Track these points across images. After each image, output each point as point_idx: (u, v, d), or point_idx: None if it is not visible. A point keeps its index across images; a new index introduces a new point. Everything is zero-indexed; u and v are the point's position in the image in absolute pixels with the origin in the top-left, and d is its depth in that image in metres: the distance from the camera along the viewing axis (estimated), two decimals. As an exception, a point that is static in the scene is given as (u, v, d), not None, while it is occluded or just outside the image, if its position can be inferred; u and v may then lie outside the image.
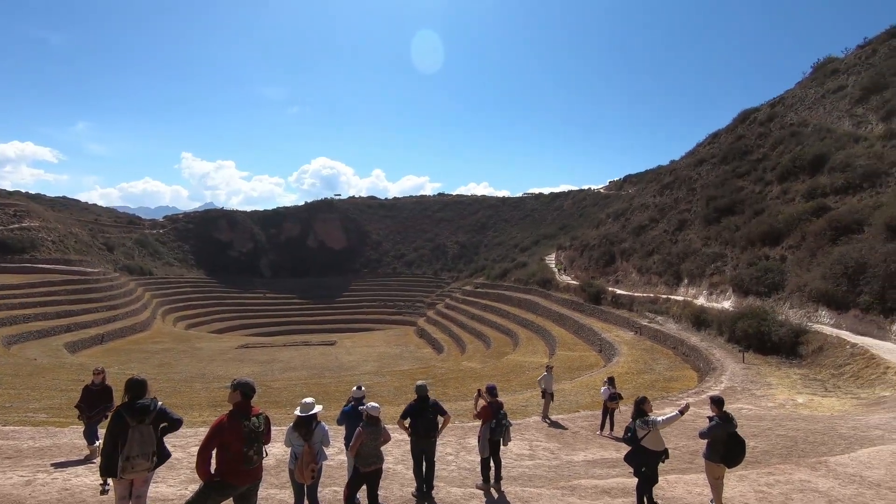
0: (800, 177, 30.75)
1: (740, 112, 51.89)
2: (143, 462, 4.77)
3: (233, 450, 4.46)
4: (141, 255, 79.99)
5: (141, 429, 4.78)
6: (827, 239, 22.86)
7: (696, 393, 15.38)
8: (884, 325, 17.68)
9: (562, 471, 8.88)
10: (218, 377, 29.18)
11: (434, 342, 48.80)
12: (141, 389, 4.95)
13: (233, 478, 4.49)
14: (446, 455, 9.35)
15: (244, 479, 4.58)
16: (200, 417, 14.72)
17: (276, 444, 9.09)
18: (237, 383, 4.69)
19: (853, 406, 12.67)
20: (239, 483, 4.54)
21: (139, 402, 4.87)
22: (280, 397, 20.24)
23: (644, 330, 28.44)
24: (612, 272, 43.05)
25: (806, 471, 7.64)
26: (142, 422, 4.79)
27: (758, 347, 19.88)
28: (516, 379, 22.84)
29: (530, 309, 44.71)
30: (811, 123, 37.20)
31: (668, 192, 48.22)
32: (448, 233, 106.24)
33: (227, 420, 4.52)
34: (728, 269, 28.39)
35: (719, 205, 34.41)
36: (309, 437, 5.42)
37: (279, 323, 74.92)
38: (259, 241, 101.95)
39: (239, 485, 4.54)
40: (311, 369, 35.27)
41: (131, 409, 4.80)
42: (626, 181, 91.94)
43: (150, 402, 4.91)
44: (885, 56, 37.52)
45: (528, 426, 12.13)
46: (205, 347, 44.91)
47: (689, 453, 9.52)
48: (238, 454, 4.47)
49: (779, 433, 10.47)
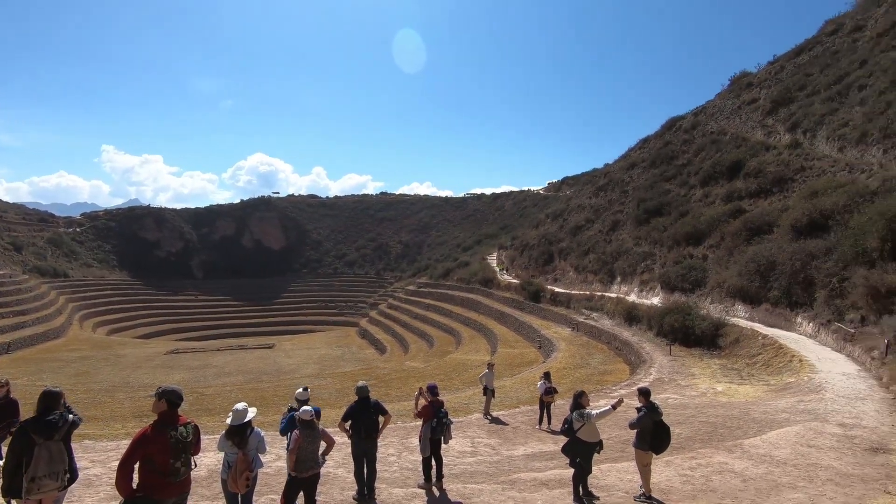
0: (719, 181, 33.17)
1: (668, 119, 55.31)
2: (52, 482, 4.38)
3: (158, 462, 4.18)
4: (54, 256, 73.33)
5: (49, 446, 4.38)
6: (742, 239, 24.80)
7: (627, 385, 16.19)
8: (790, 317, 19.43)
9: (502, 465, 9.06)
10: (144, 385, 27.37)
11: (377, 343, 48.33)
12: (53, 402, 4.54)
13: (158, 492, 4.21)
14: (388, 456, 9.28)
15: (170, 493, 4.30)
16: (124, 429, 13.73)
17: (209, 454, 8.66)
18: (162, 391, 4.40)
19: (764, 392, 13.82)
20: (165, 497, 4.26)
21: (47, 417, 4.47)
22: (213, 404, 19.30)
23: (581, 326, 29.60)
24: (551, 271, 44.49)
25: (724, 454, 8.25)
26: (50, 438, 4.39)
27: (683, 340, 21.24)
28: (459, 377, 23.07)
29: (473, 308, 45.30)
30: (729, 132, 40.23)
31: (602, 193, 50.47)
32: (391, 232, 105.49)
33: (152, 431, 4.23)
34: (657, 268, 30.12)
35: (649, 206, 36.45)
36: (243, 444, 5.19)
37: (213, 326, 71.33)
38: (190, 240, 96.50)
39: (164, 499, 4.27)
40: (248, 374, 33.88)
41: (37, 424, 4.39)
42: (563, 183, 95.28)
43: (58, 418, 4.50)
44: (790, 73, 41.25)
45: (470, 423, 12.28)
46: (129, 354, 41.94)
47: (621, 443, 10.00)
48: (164, 467, 4.20)
49: (701, 420, 11.23)
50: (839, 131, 27.01)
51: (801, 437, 8.86)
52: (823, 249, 19.19)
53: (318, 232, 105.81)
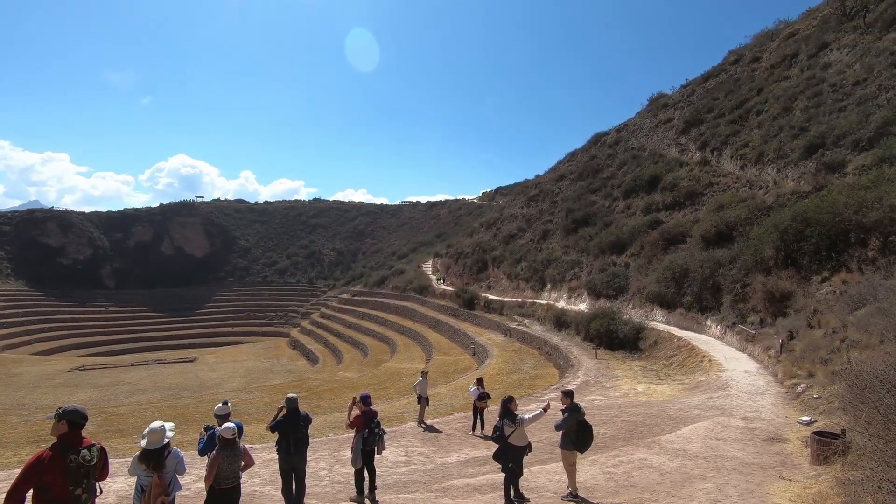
0: (639, 194, 35.46)
1: (593, 134, 58.49)
2: None
3: (55, 490, 3.76)
4: (-66, 264, 64.81)
5: None
6: (660, 248, 26.62)
7: (556, 389, 16.76)
8: (701, 320, 21.06)
9: (436, 473, 9.07)
10: (42, 407, 24.74)
11: (308, 353, 46.86)
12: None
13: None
14: (319, 470, 8.99)
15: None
16: (17, 457, 12.33)
17: (118, 479, 8.00)
18: (63, 411, 3.97)
19: (679, 391, 14.84)
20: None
21: None
22: (126, 424, 17.79)
23: (513, 332, 30.34)
24: (485, 278, 45.35)
25: (644, 450, 8.75)
26: None
27: (608, 344, 22.38)
28: (394, 386, 22.86)
29: (408, 315, 45.14)
30: (648, 149, 43.19)
31: (533, 203, 52.29)
32: (324, 240, 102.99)
33: (49, 455, 3.81)
34: (584, 275, 31.58)
35: (576, 217, 38.24)
36: (160, 467, 4.74)
37: (126, 340, 66.01)
38: (101, 246, 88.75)
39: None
40: (166, 390, 31.63)
41: None
42: (497, 192, 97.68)
43: None
44: (700, 96, 45.04)
45: (405, 432, 12.19)
46: (25, 372, 37.77)
47: (550, 445, 10.33)
48: (62, 494, 3.78)
49: (623, 419, 11.85)
50: (741, 151, 29.80)
51: (710, 432, 9.59)
52: (728, 258, 20.99)
53: (247, 238, 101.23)
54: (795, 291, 16.65)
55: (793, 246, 17.60)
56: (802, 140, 24.66)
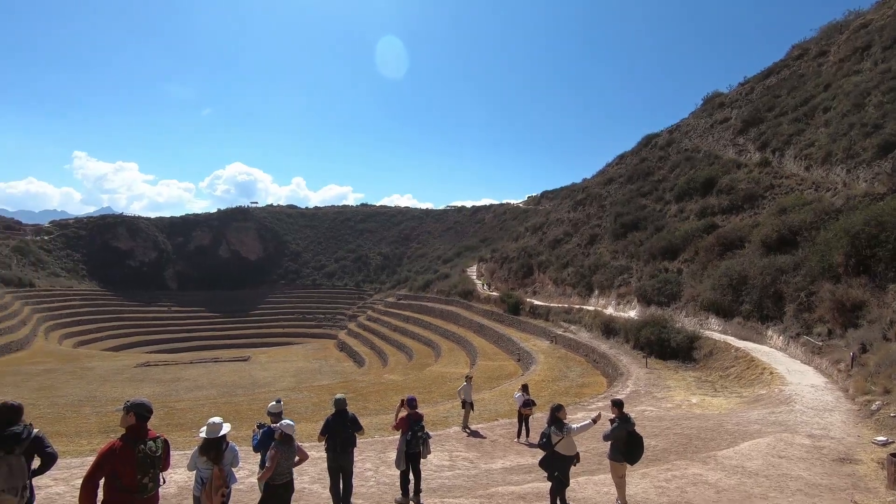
0: (693, 197, 34.05)
1: (644, 136, 56.72)
2: (10, 498, 4.20)
3: (124, 478, 4.04)
4: (20, 265, 70.82)
5: (9, 460, 4.22)
6: (715, 254, 25.42)
7: (605, 398, 16.32)
8: (761, 330, 19.92)
9: (480, 479, 9.01)
10: (112, 399, 26.47)
11: (355, 355, 47.79)
12: (12, 416, 4.38)
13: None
14: (365, 471, 9.14)
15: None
16: (90, 445, 13.24)
17: (179, 471, 8.42)
18: (130, 404, 4.27)
19: (737, 404, 14.09)
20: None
21: (9, 430, 4.30)
22: (185, 419, 18.76)
23: (559, 339, 29.80)
24: (530, 283, 44.81)
25: (698, 465, 8.36)
26: (10, 452, 4.24)
27: (659, 353, 21.55)
28: (438, 390, 22.93)
29: (452, 320, 45.24)
30: (702, 150, 41.44)
31: (580, 208, 51.26)
32: (371, 244, 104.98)
33: (119, 445, 4.10)
34: (633, 281, 30.61)
35: (626, 221, 37.15)
36: (219, 459, 5.04)
37: (186, 339, 69.58)
38: (164, 250, 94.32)
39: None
40: (222, 387, 33.09)
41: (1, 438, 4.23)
42: (543, 197, 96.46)
43: (21, 430, 4.35)
44: (760, 94, 42.80)
45: (449, 437, 12.20)
46: (97, 367, 40.55)
47: (598, 455, 10.06)
48: (130, 483, 4.06)
49: (676, 431, 11.37)
50: (805, 151, 28.06)
51: (772, 449, 9.04)
52: (792, 264, 19.78)
53: (297, 243, 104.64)
54: (868, 301, 15.47)
55: (866, 252, 16.38)
56: (876, 139, 22.93)
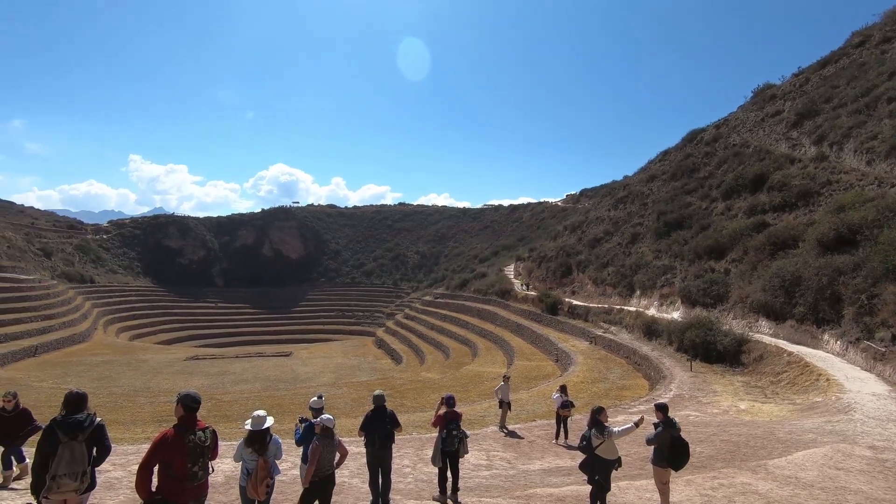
0: (742, 194, 32.59)
1: (689, 132, 54.71)
2: (71, 482, 4.44)
3: (176, 466, 4.24)
4: (82, 262, 75.40)
5: (72, 446, 4.47)
6: (766, 253, 24.25)
7: (647, 401, 15.87)
8: (816, 334, 18.87)
9: (518, 480, 8.95)
10: (164, 391, 27.78)
11: (393, 353, 48.34)
12: (78, 404, 4.64)
13: (176, 496, 4.26)
14: (403, 467, 9.24)
15: (187, 497, 4.36)
16: (144, 433, 13.95)
17: (225, 460, 8.74)
18: (180, 396, 4.48)
19: (789, 411, 13.41)
20: (182, 501, 4.32)
21: (73, 417, 4.57)
22: (231, 411, 19.49)
23: (599, 340, 29.20)
24: (569, 283, 44.08)
25: (747, 474, 8.01)
26: (74, 438, 4.48)
27: (704, 356, 20.77)
28: (475, 389, 22.91)
29: (489, 319, 45.07)
30: (752, 144, 39.59)
31: (621, 206, 50.00)
32: (408, 243, 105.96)
33: (172, 434, 4.30)
34: (677, 281, 29.61)
35: (669, 219, 35.96)
36: (263, 451, 5.23)
37: (231, 334, 72.32)
38: (212, 248, 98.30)
39: (181, 502, 4.32)
40: (265, 381, 34.15)
41: (64, 424, 4.50)
42: (582, 195, 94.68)
43: (85, 418, 4.60)
44: (816, 84, 40.51)
45: (486, 436, 12.17)
46: (150, 359, 42.69)
47: (640, 460, 9.80)
48: (182, 470, 4.25)
49: (723, 438, 10.94)
50: (867, 144, 26.35)
51: (828, 459, 8.56)
52: (851, 265, 18.63)
53: (337, 241, 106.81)
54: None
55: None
56: (947, 129, 21.32)
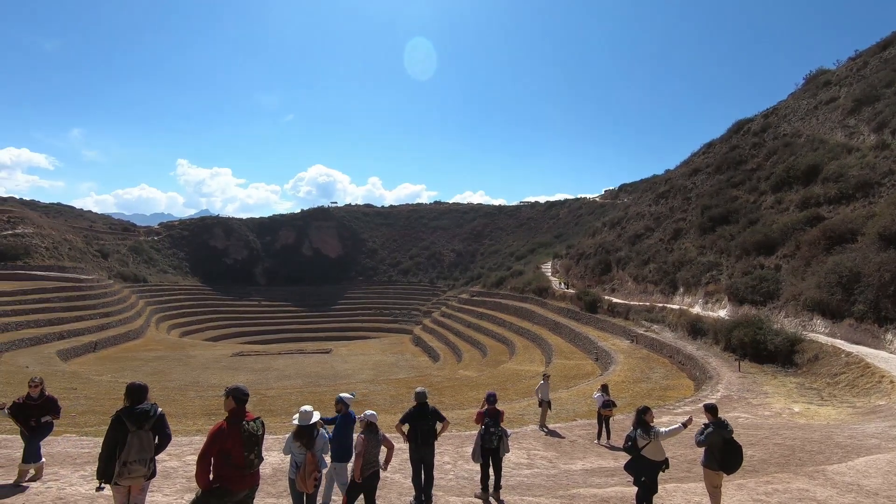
0: (794, 186, 31.02)
1: (735, 122, 52.46)
2: (141, 468, 4.72)
3: (234, 455, 4.41)
4: (135, 263, 79.48)
5: (140, 434, 4.74)
6: (821, 248, 23.01)
7: (692, 402, 15.38)
8: (878, 333, 17.77)
9: (560, 479, 8.84)
10: (212, 385, 28.94)
11: (430, 350, 48.65)
12: (141, 395, 4.91)
13: (233, 483, 4.43)
14: (444, 464, 9.29)
15: (244, 484, 4.53)
16: (195, 426, 14.57)
17: (272, 453, 9.03)
18: (229, 389, 4.65)
19: (849, 415, 12.70)
20: (240, 488, 4.49)
21: (139, 407, 4.83)
22: (275, 406, 20.09)
23: (640, 338, 28.47)
24: (609, 281, 43.15)
25: (804, 479, 7.64)
26: (141, 427, 4.76)
27: (754, 356, 19.92)
28: (513, 387, 22.77)
29: (527, 317, 44.70)
30: (804, 134, 37.62)
31: (663, 201, 48.52)
32: (444, 241, 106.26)
33: (227, 426, 4.48)
34: (723, 278, 28.51)
35: (714, 214, 34.64)
36: (311, 445, 5.37)
37: (274, 331, 74.50)
38: (254, 248, 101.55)
39: (239, 490, 4.49)
40: (307, 378, 35.05)
41: (131, 414, 4.76)
42: (621, 190, 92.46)
43: (150, 408, 4.87)
44: (876, 68, 38.07)
45: (526, 435, 12.08)
46: (199, 355, 44.55)
47: (687, 462, 9.50)
48: (239, 459, 4.43)
49: (776, 442, 10.47)
50: (934, 130, 24.61)
51: (894, 466, 8.06)
52: (917, 260, 17.47)
53: (374, 240, 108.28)
54: None
55: None
56: None
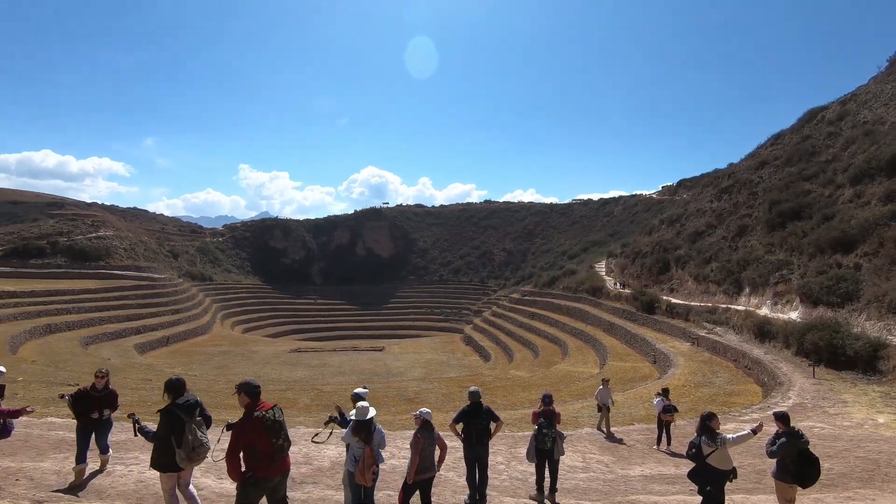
0: (876, 178, 28.53)
1: (807, 111, 48.94)
2: (204, 449, 5.15)
3: (260, 446, 4.59)
4: (202, 262, 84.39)
5: (193, 422, 5.15)
6: (909, 245, 21.07)
7: (760, 409, 14.51)
8: (979, 339, 16.07)
9: (617, 485, 8.59)
10: (272, 380, 30.25)
11: (481, 350, 48.58)
12: (182, 389, 5.31)
13: (265, 471, 4.64)
14: (497, 464, 9.25)
15: (276, 472, 4.74)
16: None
17: (330, 447, 9.32)
18: (240, 386, 4.82)
19: (944, 428, 11.56)
20: (272, 475, 4.70)
21: (185, 399, 5.21)
22: (331, 401, 20.64)
23: (702, 341, 27.17)
24: (667, 280, 41.43)
25: (891, 497, 7.04)
26: (192, 417, 5.15)
27: (830, 362, 18.53)
28: (566, 389, 22.34)
29: (580, 317, 43.72)
30: (888, 121, 34.55)
31: (726, 196, 45.99)
32: (494, 240, 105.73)
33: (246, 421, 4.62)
34: (795, 278, 26.68)
35: (784, 209, 32.44)
36: (369, 439, 5.51)
37: (329, 328, 76.86)
38: (310, 248, 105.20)
39: (272, 476, 4.71)
40: (361, 374, 35.91)
41: (184, 406, 5.15)
42: (680, 186, 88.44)
43: (193, 399, 5.27)
44: (974, 46, 34.37)
45: (581, 437, 11.83)
46: (260, 351, 46.70)
47: (756, 472, 8.98)
48: (268, 448, 4.61)
49: (858, 455, 9.70)
50: None
51: None
52: None
53: (424, 240, 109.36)
54: None
55: None
56: None
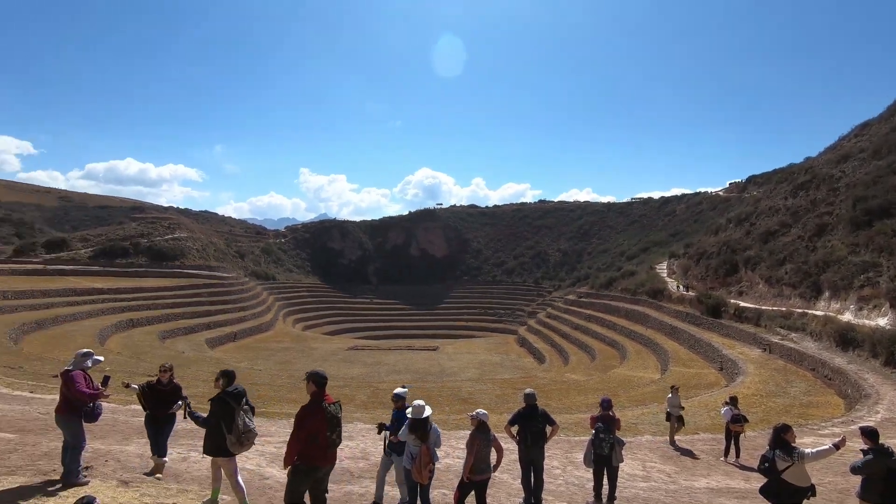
0: (982, 171, 25.63)
1: (896, 98, 44.67)
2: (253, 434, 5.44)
3: (320, 436, 4.78)
4: (266, 262, 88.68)
5: (242, 410, 5.43)
6: None
7: (843, 422, 13.39)
8: None
9: (680, 497, 8.21)
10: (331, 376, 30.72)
11: (535, 352, 47.91)
12: (234, 378, 5.68)
13: (318, 460, 4.83)
14: (553, 469, 9.10)
15: (328, 462, 4.94)
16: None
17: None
18: (309, 374, 5.02)
19: None
20: (323, 465, 4.88)
21: (234, 388, 5.52)
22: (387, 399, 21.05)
23: (774, 347, 25.42)
24: (735, 283, 39.09)
25: None
26: (240, 404, 5.43)
27: (926, 374, 16.82)
28: (625, 394, 21.59)
29: (639, 320, 42.14)
30: None
31: (802, 192, 42.79)
32: (549, 240, 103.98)
33: (310, 409, 4.85)
34: (883, 281, 24.42)
35: (871, 206, 29.75)
36: (426, 438, 5.59)
37: (384, 327, 78.43)
38: (367, 249, 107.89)
39: (322, 466, 4.89)
40: (415, 373, 36.37)
41: (233, 395, 5.46)
42: (749, 182, 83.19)
43: (242, 389, 5.57)
44: None
45: (640, 445, 11.42)
46: (319, 348, 48.44)
47: (838, 491, 8.31)
48: (324, 439, 4.78)
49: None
50: None
51: None
52: None
53: (478, 241, 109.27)
54: None
55: None
56: None
